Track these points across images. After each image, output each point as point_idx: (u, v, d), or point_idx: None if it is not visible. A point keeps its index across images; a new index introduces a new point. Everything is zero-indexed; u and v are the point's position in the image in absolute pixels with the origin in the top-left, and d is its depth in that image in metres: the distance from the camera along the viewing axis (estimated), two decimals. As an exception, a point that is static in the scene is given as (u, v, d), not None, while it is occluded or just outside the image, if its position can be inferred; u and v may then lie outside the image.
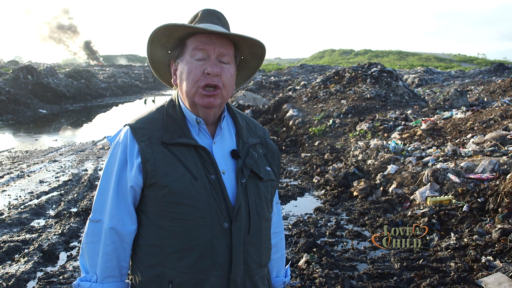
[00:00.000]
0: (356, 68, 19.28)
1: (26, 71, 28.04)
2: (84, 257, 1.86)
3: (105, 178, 1.85)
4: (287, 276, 2.27)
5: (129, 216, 1.83)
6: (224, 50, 1.85)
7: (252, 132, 2.07)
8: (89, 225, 1.86)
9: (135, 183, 1.79)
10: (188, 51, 1.85)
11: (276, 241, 2.18)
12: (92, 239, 1.84)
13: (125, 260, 1.86)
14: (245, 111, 16.86)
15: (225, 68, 1.85)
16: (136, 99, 33.54)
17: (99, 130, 17.44)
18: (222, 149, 1.91)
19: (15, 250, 5.85)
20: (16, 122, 20.39)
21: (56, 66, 47.75)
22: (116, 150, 1.85)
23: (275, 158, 2.10)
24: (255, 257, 1.89)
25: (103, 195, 1.85)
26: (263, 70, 47.01)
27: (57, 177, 9.78)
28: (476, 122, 10.10)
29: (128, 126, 1.87)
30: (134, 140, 1.82)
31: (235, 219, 1.81)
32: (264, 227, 1.96)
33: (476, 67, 45.04)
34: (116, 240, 1.82)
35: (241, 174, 1.87)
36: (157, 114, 1.92)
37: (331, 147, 10.99)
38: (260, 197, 1.92)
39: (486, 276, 4.45)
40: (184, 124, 1.88)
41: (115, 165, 1.83)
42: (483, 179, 6.63)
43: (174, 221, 1.78)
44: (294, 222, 6.71)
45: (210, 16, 1.90)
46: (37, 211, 7.39)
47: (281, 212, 2.25)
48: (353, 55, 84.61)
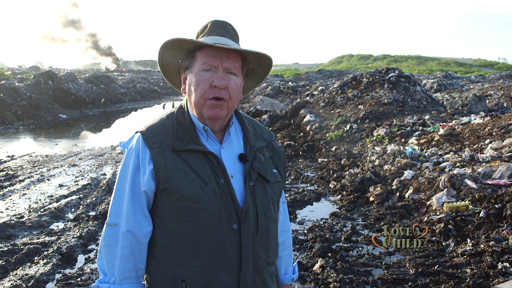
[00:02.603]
0: (374, 73, 19.21)
1: (47, 76, 28.41)
2: (102, 260, 1.92)
3: (120, 183, 1.92)
4: (295, 273, 2.33)
5: (145, 218, 1.90)
6: (231, 64, 1.91)
7: (258, 135, 2.13)
8: (106, 229, 1.92)
9: (148, 188, 1.86)
10: (197, 63, 1.92)
11: (284, 239, 2.25)
12: (109, 242, 1.90)
13: (141, 262, 1.93)
14: (262, 116, 16.91)
15: (232, 80, 1.91)
16: (155, 104, 33.79)
17: (118, 135, 17.63)
18: (230, 154, 1.98)
19: (35, 252, 5.96)
20: (37, 127, 20.70)
21: (76, 71, 48.35)
22: (129, 156, 1.91)
23: (281, 160, 2.16)
24: (263, 256, 1.97)
25: (119, 199, 1.91)
26: (281, 76, 47.02)
27: (76, 181, 9.93)
28: (495, 128, 10.00)
29: (140, 133, 1.93)
30: (145, 147, 1.88)
31: (244, 221, 1.88)
32: (271, 227, 2.03)
33: (497, 71, 44.50)
34: (133, 242, 1.88)
35: (248, 177, 1.93)
36: (167, 121, 1.99)
37: (348, 152, 10.97)
38: (267, 198, 1.99)
39: (502, 283, 4.41)
40: (193, 130, 1.95)
41: (129, 171, 1.90)
42: (501, 185, 6.57)
43: (186, 223, 1.85)
44: (309, 227, 6.72)
45: (218, 28, 1.96)
46: (57, 214, 7.52)
47: (287, 211, 2.32)
48: (372, 60, 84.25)
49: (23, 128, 20.26)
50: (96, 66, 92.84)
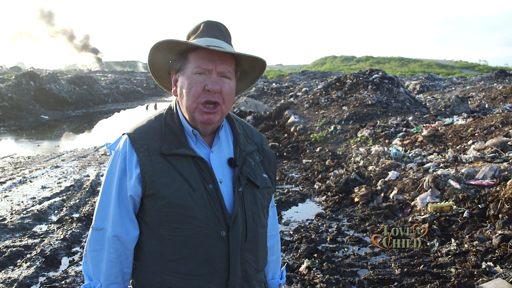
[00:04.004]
0: (358, 74, 19.30)
1: (29, 77, 28.07)
2: (87, 265, 1.89)
3: (106, 187, 1.88)
4: (282, 278, 2.30)
5: (132, 223, 1.87)
6: (225, 67, 1.86)
7: (249, 139, 2.09)
8: (92, 233, 1.88)
9: (134, 193, 1.83)
10: (189, 66, 1.86)
11: (272, 244, 2.22)
12: (95, 247, 1.87)
13: (128, 267, 1.90)
14: (246, 118, 16.89)
15: (226, 83, 1.87)
16: (138, 105, 33.54)
17: (101, 136, 17.49)
18: (219, 158, 1.94)
19: (18, 255, 5.88)
20: (18, 128, 20.44)
21: (58, 72, 47.85)
22: (116, 159, 1.87)
23: (272, 164, 2.13)
24: (252, 263, 1.94)
25: (105, 203, 1.87)
26: (265, 77, 47.08)
27: (59, 183, 9.82)
28: (477, 129, 10.12)
29: (127, 135, 1.89)
30: (132, 150, 1.84)
31: (232, 228, 1.84)
32: (261, 234, 2.00)
33: (478, 73, 45.01)
34: (119, 247, 1.85)
35: (238, 183, 1.90)
36: (155, 123, 1.94)
37: (333, 153, 11.01)
38: (257, 204, 1.96)
39: (486, 282, 4.45)
40: (182, 133, 1.90)
41: (115, 174, 1.85)
42: (484, 185, 6.65)
43: (173, 230, 1.82)
44: (295, 228, 6.73)
45: (212, 29, 1.91)
46: (39, 216, 7.42)
47: (276, 215, 2.29)
48: (355, 62, 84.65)
49: (4, 129, 20.00)
50: (78, 66, 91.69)
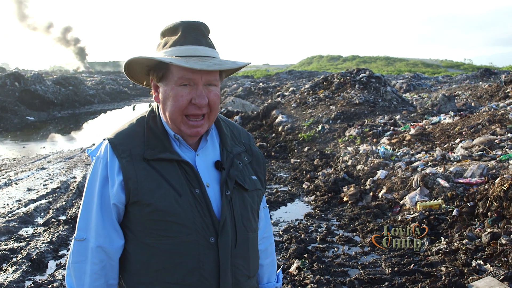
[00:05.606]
0: (345, 74, 19.35)
1: (13, 78, 27.81)
2: (71, 277, 1.81)
3: (88, 195, 1.80)
4: (278, 281, 2.23)
5: (116, 232, 1.79)
6: (211, 76, 1.77)
7: (236, 139, 2.01)
8: (75, 244, 1.80)
9: (117, 201, 1.75)
10: (173, 77, 1.75)
11: (266, 246, 2.15)
12: (78, 259, 1.79)
13: (113, 278, 1.82)
14: (234, 117, 16.85)
15: (212, 92, 1.78)
16: (125, 105, 33.41)
17: (88, 137, 17.36)
18: (205, 161, 1.87)
19: (3, 259, 5.78)
20: (3, 130, 20.22)
21: (43, 73, 47.39)
22: (97, 166, 1.79)
23: (261, 165, 2.05)
24: (243, 269, 1.87)
25: (87, 212, 1.79)
26: (252, 76, 47.04)
27: (45, 185, 9.70)
28: (464, 127, 10.17)
29: (108, 140, 1.80)
30: (114, 156, 1.76)
31: (221, 234, 1.78)
32: (251, 239, 1.92)
33: (463, 72, 45.34)
34: (104, 258, 1.77)
35: (225, 187, 1.83)
36: (137, 127, 1.85)
37: (321, 152, 11.00)
38: (246, 208, 1.88)
39: (477, 280, 4.46)
40: (165, 137, 1.83)
41: (97, 182, 1.77)
42: (472, 183, 6.67)
43: (160, 238, 1.75)
44: (284, 228, 6.70)
45: (193, 33, 1.78)
46: (25, 219, 7.31)
47: (269, 216, 2.22)
48: (341, 61, 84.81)
49: (-11, 131, 19.75)
50: (64, 67, 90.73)
